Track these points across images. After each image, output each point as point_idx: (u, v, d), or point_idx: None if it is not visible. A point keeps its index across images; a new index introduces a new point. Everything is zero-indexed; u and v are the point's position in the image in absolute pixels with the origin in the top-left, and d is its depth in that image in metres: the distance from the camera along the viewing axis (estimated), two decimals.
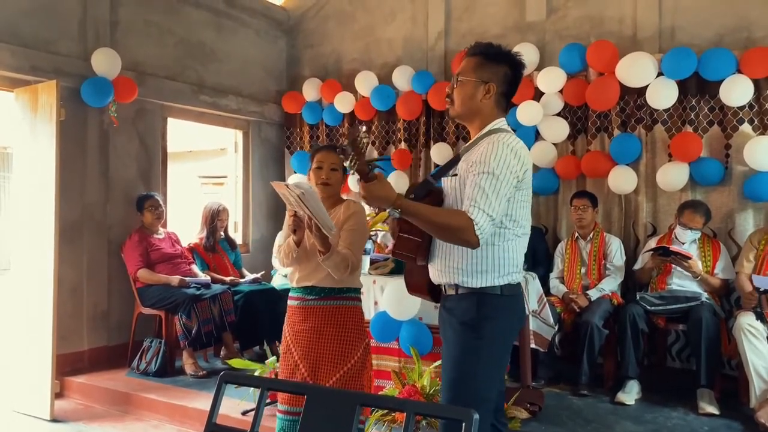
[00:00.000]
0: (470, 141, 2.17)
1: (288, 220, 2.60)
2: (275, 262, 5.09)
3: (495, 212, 1.96)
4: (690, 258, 4.03)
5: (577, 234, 4.58)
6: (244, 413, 3.58)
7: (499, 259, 2.07)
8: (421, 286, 2.27)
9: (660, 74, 4.46)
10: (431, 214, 1.99)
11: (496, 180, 1.96)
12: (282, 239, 2.75)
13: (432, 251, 2.18)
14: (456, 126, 5.35)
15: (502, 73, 2.14)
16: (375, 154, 5.83)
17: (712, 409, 3.68)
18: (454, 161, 2.20)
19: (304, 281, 2.67)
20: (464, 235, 1.93)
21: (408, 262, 2.25)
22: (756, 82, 4.24)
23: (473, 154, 2.07)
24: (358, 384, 2.62)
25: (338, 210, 2.70)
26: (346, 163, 1.94)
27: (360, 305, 2.75)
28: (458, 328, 2.09)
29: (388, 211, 1.98)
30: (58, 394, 4.22)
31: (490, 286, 2.07)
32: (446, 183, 2.16)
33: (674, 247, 4.08)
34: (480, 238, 1.94)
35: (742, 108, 4.34)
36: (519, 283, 2.17)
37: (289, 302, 2.74)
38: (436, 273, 2.18)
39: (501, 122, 2.16)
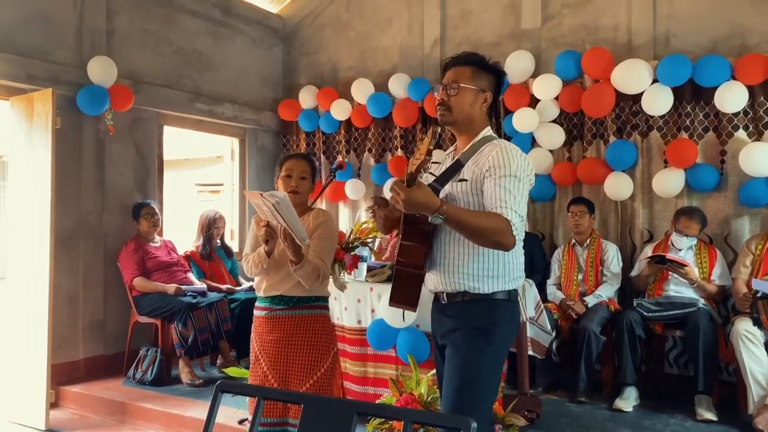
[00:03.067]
0: (467, 147, 2.18)
1: (259, 231, 2.57)
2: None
3: (523, 212, 2.01)
4: (686, 266, 4.04)
5: (574, 240, 4.59)
6: (241, 422, 3.57)
7: (508, 264, 2.10)
8: (414, 298, 2.14)
9: (655, 81, 4.47)
10: (474, 219, 1.97)
11: (519, 182, 2.01)
12: (249, 249, 2.73)
13: (433, 258, 2.15)
14: (452, 133, 5.34)
15: (494, 84, 2.20)
16: (371, 162, 5.83)
17: (710, 416, 3.67)
18: (456, 167, 2.16)
19: (272, 290, 2.65)
20: (503, 236, 1.94)
21: (410, 272, 2.13)
22: (750, 89, 4.25)
23: (482, 159, 2.08)
24: (328, 392, 2.61)
25: (307, 218, 2.69)
26: (413, 164, 1.88)
27: (328, 313, 2.74)
28: (470, 333, 2.07)
29: (430, 218, 1.94)
30: (53, 404, 4.20)
31: (500, 291, 2.09)
32: (452, 188, 2.13)
33: (670, 255, 4.09)
34: (516, 238, 1.97)
35: (736, 114, 4.35)
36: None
37: (256, 312, 2.71)
38: (439, 280, 2.14)
39: (490, 130, 2.21)
